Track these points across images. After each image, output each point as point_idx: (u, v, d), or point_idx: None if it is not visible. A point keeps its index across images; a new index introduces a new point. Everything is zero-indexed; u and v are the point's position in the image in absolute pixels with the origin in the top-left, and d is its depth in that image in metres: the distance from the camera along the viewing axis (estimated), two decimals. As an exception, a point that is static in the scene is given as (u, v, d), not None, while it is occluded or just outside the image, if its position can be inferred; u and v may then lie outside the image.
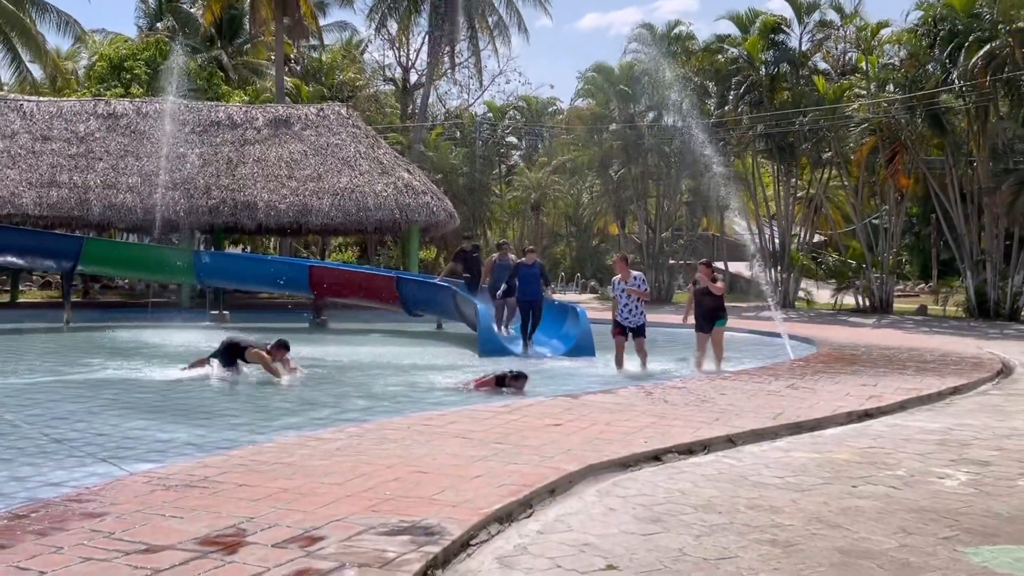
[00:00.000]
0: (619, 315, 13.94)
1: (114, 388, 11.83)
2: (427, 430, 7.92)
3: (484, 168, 48.21)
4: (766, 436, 8.35)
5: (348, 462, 6.64)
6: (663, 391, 10.70)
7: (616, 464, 7.00)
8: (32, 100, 28.33)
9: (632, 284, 13.82)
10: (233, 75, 42.79)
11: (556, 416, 8.76)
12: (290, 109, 30.32)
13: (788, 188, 37.71)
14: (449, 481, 6.13)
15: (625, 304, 13.83)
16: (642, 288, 13.89)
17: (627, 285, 13.83)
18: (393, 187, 26.74)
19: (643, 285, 13.97)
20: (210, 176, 26.57)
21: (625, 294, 13.83)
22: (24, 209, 24.17)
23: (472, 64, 49.55)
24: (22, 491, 6.32)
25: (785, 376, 12.31)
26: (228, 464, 6.56)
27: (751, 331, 21.96)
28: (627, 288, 13.83)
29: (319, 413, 9.99)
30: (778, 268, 36.29)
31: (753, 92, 35.37)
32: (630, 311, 13.86)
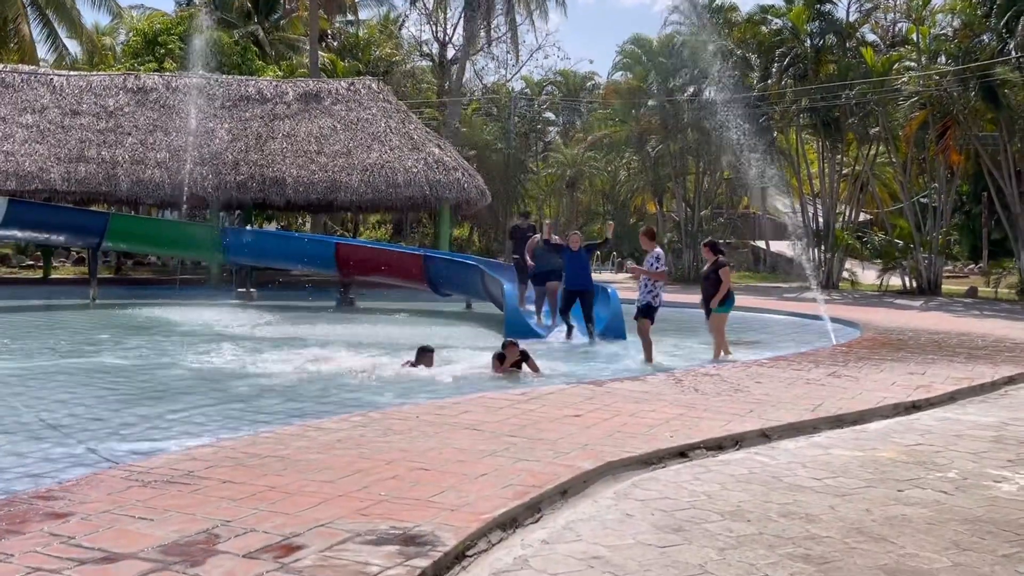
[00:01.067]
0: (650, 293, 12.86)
1: (122, 371, 11.47)
2: (437, 420, 7.39)
3: (520, 144, 47.52)
4: (804, 430, 7.73)
5: (346, 456, 6.14)
6: (694, 379, 10.08)
7: (637, 461, 6.43)
8: (62, 74, 28.18)
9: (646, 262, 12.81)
10: (270, 51, 42.49)
11: (576, 406, 8.20)
12: (320, 83, 29.90)
13: (833, 165, 36.61)
14: (452, 480, 5.61)
15: (644, 283, 12.80)
16: (653, 267, 12.70)
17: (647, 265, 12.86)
18: (423, 163, 26.27)
19: (655, 264, 12.70)
20: (239, 151, 26.28)
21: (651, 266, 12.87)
22: (52, 184, 24.05)
23: (509, 39, 48.84)
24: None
25: (826, 363, 11.62)
26: (217, 456, 6.09)
27: (792, 313, 21.20)
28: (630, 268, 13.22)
29: (330, 398, 9.53)
30: (822, 248, 35.28)
31: (797, 65, 34.24)
32: (639, 288, 12.91)
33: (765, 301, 25.60)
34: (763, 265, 47.74)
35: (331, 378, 10.89)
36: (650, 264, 12.67)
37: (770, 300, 26.30)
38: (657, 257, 12.68)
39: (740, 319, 20.80)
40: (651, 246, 12.82)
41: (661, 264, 12.78)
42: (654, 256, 12.69)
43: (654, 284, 12.63)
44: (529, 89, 53.72)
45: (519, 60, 51.63)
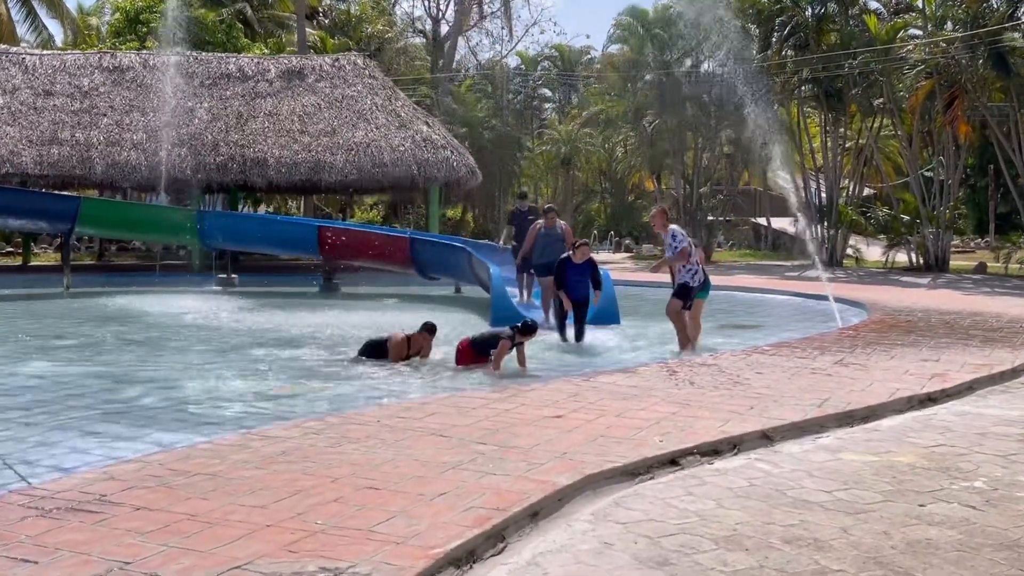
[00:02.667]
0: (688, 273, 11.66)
1: (65, 370, 10.68)
2: (399, 425, 6.60)
3: (516, 122, 46.58)
4: (810, 430, 6.94)
5: (287, 472, 5.36)
6: (689, 370, 9.27)
7: (621, 473, 5.65)
8: (35, 54, 27.37)
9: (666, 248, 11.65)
10: (259, 29, 41.56)
11: (558, 404, 7.40)
12: (304, 60, 29.02)
13: (836, 138, 35.70)
14: (404, 502, 4.82)
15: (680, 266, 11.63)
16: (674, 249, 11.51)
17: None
18: (411, 141, 25.43)
19: (673, 245, 11.52)
20: (219, 132, 25.42)
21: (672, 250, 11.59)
22: (24, 168, 23.23)
23: (503, 13, 47.84)
24: None
25: (833, 349, 10.81)
26: (139, 475, 5.31)
27: (795, 293, 20.38)
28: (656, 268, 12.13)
29: (293, 399, 8.73)
30: (825, 224, 34.42)
31: (798, 34, 33.25)
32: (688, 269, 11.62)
33: (766, 280, 24.81)
34: (764, 243, 46.89)
35: (299, 372, 10.10)
36: (671, 248, 11.48)
37: (772, 279, 25.50)
38: (673, 235, 11.50)
39: (740, 300, 20.11)
40: (665, 228, 11.68)
41: (678, 242, 11.46)
42: (670, 236, 11.54)
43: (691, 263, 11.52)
44: (524, 65, 52.72)
45: (513, 36, 50.65)
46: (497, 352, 9.96)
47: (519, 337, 10.15)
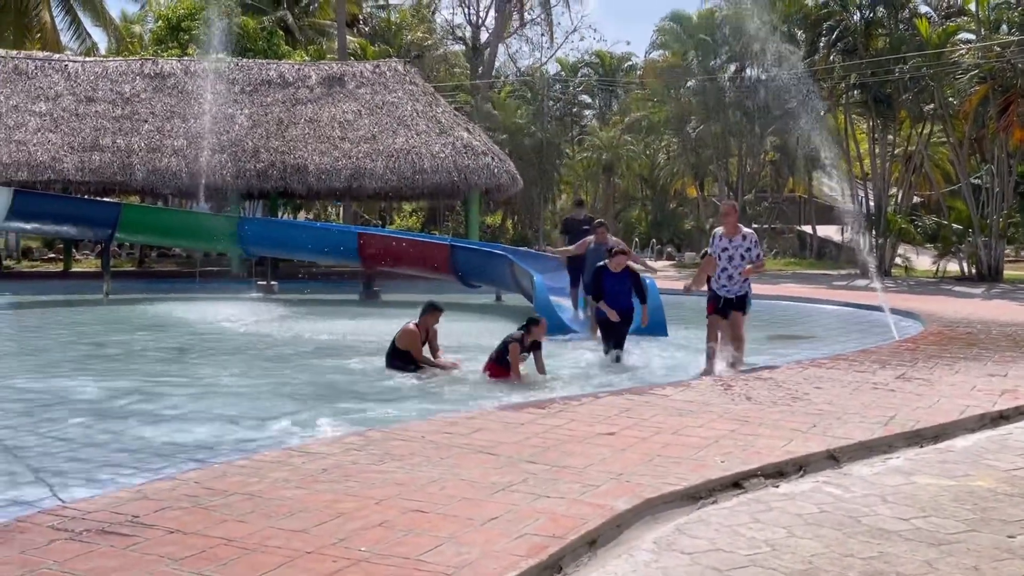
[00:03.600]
0: (715, 282, 10.51)
1: (104, 377, 10.53)
2: (445, 442, 6.29)
3: (556, 128, 46.26)
4: (878, 450, 6.53)
5: (329, 493, 5.07)
6: (745, 384, 8.87)
7: (682, 496, 5.29)
8: (78, 60, 27.48)
9: (741, 246, 10.32)
10: (300, 37, 41.68)
11: (610, 420, 7.05)
12: (344, 66, 28.94)
13: (884, 145, 35.00)
14: (453, 527, 4.51)
15: (724, 269, 10.37)
16: (756, 259, 10.41)
17: (731, 244, 10.38)
18: (451, 148, 25.23)
19: (758, 251, 10.48)
20: (259, 138, 25.39)
21: (726, 255, 10.36)
22: (65, 174, 23.31)
23: (543, 20, 47.62)
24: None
25: (892, 363, 10.35)
26: (174, 494, 5.04)
27: (845, 303, 19.84)
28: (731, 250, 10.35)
29: (325, 408, 8.48)
30: (873, 232, 33.72)
31: (846, 38, 32.72)
32: (729, 276, 10.37)
33: (814, 290, 24.28)
34: (810, 251, 46.18)
35: (343, 384, 9.86)
36: (754, 254, 10.41)
37: (819, 288, 24.96)
38: (756, 242, 10.54)
39: (788, 310, 19.62)
40: (736, 226, 10.45)
41: (761, 250, 10.58)
42: (753, 240, 10.49)
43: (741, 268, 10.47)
44: (564, 71, 52.41)
45: (554, 42, 50.38)
46: (511, 358, 9.64)
47: (529, 337, 9.81)
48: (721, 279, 10.45)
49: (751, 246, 10.37)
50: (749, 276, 10.48)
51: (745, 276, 10.38)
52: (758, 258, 10.44)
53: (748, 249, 10.33)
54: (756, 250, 10.41)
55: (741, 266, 10.31)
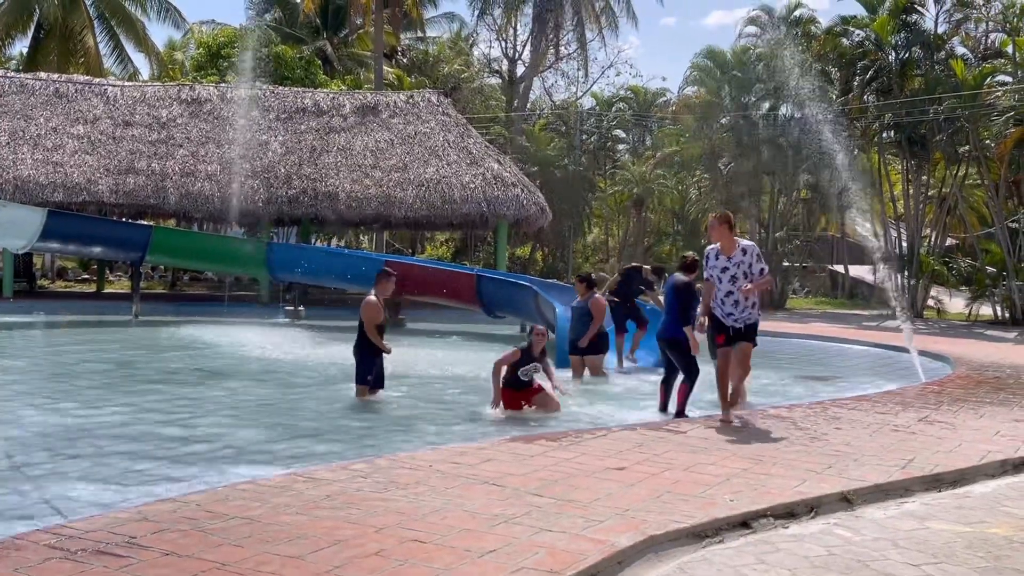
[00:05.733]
0: (718, 309, 8.97)
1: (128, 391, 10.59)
2: (451, 472, 6.24)
3: (589, 162, 46.34)
4: (893, 493, 6.40)
5: (329, 520, 5.03)
6: (762, 423, 8.74)
7: (687, 534, 5.21)
8: (117, 85, 27.92)
9: (743, 262, 8.84)
10: (338, 66, 42.18)
11: (622, 455, 6.97)
12: (379, 96, 29.15)
13: (918, 186, 34.68)
14: (449, 559, 4.46)
15: (729, 292, 8.85)
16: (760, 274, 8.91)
17: (731, 263, 8.85)
18: (481, 178, 25.33)
19: (762, 265, 8.95)
20: (292, 165, 25.61)
21: (728, 276, 8.85)
22: (100, 196, 23.59)
23: (579, 55, 47.81)
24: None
25: (916, 405, 10.18)
26: (174, 516, 5.03)
27: (873, 344, 19.57)
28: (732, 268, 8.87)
29: (336, 434, 8.48)
30: (905, 273, 33.34)
31: (881, 78, 32.49)
32: (735, 302, 8.86)
33: (843, 330, 23.99)
34: (841, 291, 45.72)
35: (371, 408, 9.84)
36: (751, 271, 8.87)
37: (849, 329, 24.66)
38: (759, 256, 8.99)
39: (816, 349, 19.40)
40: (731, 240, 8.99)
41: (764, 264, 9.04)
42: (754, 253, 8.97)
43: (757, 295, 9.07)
44: (598, 106, 52.58)
45: (589, 77, 50.54)
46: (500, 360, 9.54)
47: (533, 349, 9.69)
48: (726, 305, 8.89)
49: (753, 260, 8.85)
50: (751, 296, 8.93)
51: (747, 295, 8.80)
52: (762, 273, 8.91)
53: (751, 265, 8.83)
54: (760, 264, 8.89)
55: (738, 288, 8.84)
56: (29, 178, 23.61)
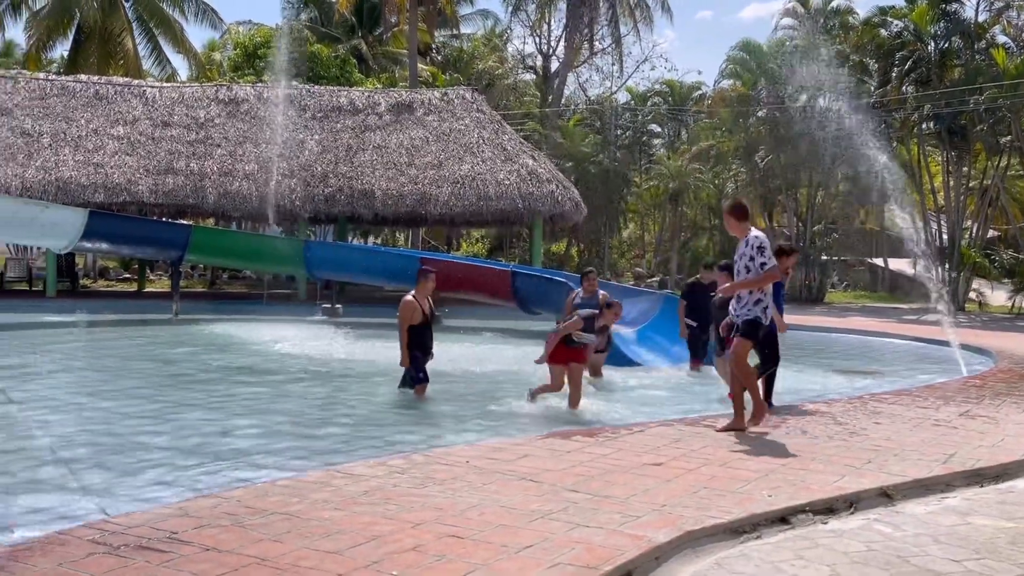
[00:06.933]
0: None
1: (166, 390, 10.73)
2: (488, 467, 6.26)
3: (624, 157, 46.13)
4: (934, 488, 6.33)
5: (367, 515, 5.07)
6: (800, 418, 8.68)
7: (724, 530, 5.18)
8: (155, 86, 28.28)
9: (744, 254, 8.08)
10: (373, 65, 42.40)
11: (659, 451, 6.95)
12: (413, 94, 29.32)
13: (959, 177, 34.19)
14: (486, 554, 4.48)
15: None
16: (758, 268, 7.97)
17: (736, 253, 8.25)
18: (516, 175, 25.39)
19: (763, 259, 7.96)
20: (328, 163, 25.82)
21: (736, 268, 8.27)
22: (140, 196, 23.91)
23: (613, 50, 47.63)
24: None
25: (957, 399, 10.06)
26: (215, 512, 5.09)
27: (914, 338, 19.35)
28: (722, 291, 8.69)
29: (374, 430, 8.53)
30: (946, 266, 32.89)
31: (920, 69, 32.09)
32: (738, 297, 8.21)
33: (883, 324, 23.73)
34: (881, 284, 45.16)
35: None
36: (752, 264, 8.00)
37: (888, 323, 24.39)
38: (761, 247, 7.99)
39: (855, 343, 19.20)
40: (743, 230, 8.20)
41: (768, 257, 7.99)
42: (753, 247, 8.02)
43: (763, 292, 8.09)
44: (633, 100, 52.34)
45: (624, 72, 50.33)
46: (565, 326, 9.62)
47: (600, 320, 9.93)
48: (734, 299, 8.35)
49: (754, 254, 7.96)
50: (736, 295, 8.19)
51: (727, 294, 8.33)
52: (762, 268, 7.94)
53: (751, 258, 7.98)
54: (761, 258, 7.94)
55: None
56: (71, 179, 24.01)
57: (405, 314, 9.91)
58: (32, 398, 9.84)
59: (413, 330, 9.90)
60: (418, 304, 9.97)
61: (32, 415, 8.84)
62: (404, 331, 9.90)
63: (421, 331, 9.97)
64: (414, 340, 9.92)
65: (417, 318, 9.92)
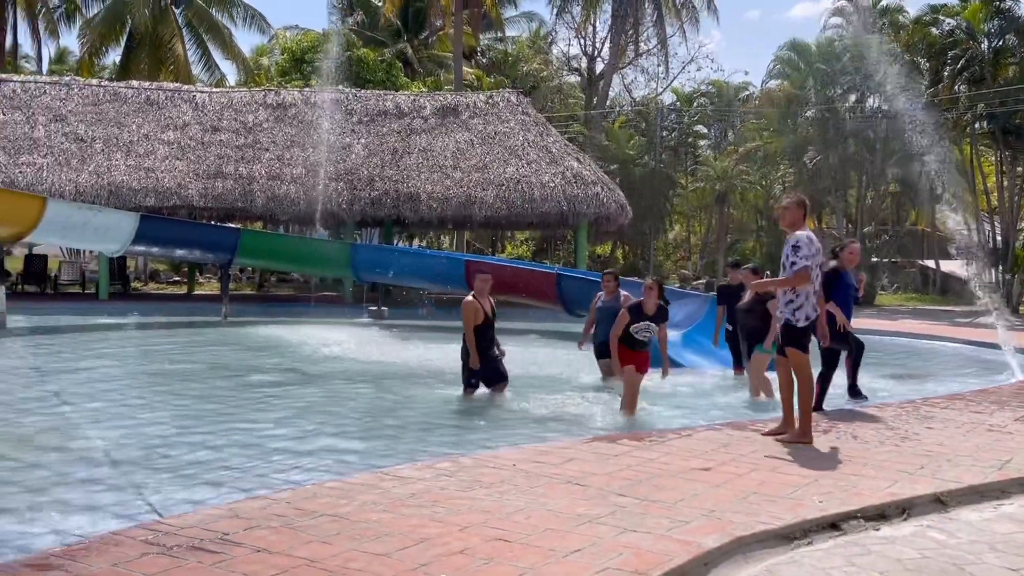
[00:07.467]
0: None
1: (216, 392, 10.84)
2: (535, 471, 6.25)
3: (669, 159, 45.95)
4: (989, 495, 6.21)
5: (415, 518, 5.09)
6: (851, 423, 8.56)
7: (775, 536, 5.13)
8: (205, 91, 28.66)
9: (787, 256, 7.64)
10: (418, 68, 42.61)
11: (707, 455, 6.90)
12: (458, 97, 29.40)
13: (1013, 178, 33.58)
14: (534, 558, 4.47)
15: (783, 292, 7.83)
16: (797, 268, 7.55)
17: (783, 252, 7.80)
18: (561, 177, 25.37)
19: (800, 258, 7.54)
20: (374, 167, 25.99)
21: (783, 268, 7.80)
22: (190, 200, 24.28)
23: (659, 51, 47.44)
24: (13, 542, 5.12)
25: (1012, 404, 9.86)
26: (265, 513, 5.14)
27: (966, 341, 19.00)
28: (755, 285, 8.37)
29: (420, 433, 8.56)
30: (999, 268, 32.30)
31: (972, 68, 31.59)
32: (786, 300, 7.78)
33: (935, 327, 23.32)
34: (933, 287, 44.47)
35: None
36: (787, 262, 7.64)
37: (940, 326, 23.97)
38: (796, 246, 7.58)
39: (905, 347, 18.89)
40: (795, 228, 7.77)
41: (801, 256, 7.55)
42: (789, 245, 7.65)
43: (795, 293, 7.67)
44: (679, 101, 52.11)
45: (669, 73, 50.13)
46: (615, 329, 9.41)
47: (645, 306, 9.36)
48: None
49: (789, 252, 7.60)
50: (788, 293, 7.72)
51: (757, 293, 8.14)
52: (792, 267, 7.56)
53: (787, 256, 7.64)
54: (793, 257, 7.56)
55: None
56: (123, 183, 24.43)
57: (468, 315, 9.92)
58: (85, 400, 10.00)
59: (476, 331, 9.89)
60: (479, 304, 9.96)
61: (86, 417, 8.98)
62: (470, 332, 9.91)
63: (483, 331, 9.96)
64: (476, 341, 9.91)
65: (480, 318, 9.92)
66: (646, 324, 9.34)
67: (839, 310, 9.48)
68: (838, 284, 9.54)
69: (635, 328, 9.31)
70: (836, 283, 9.51)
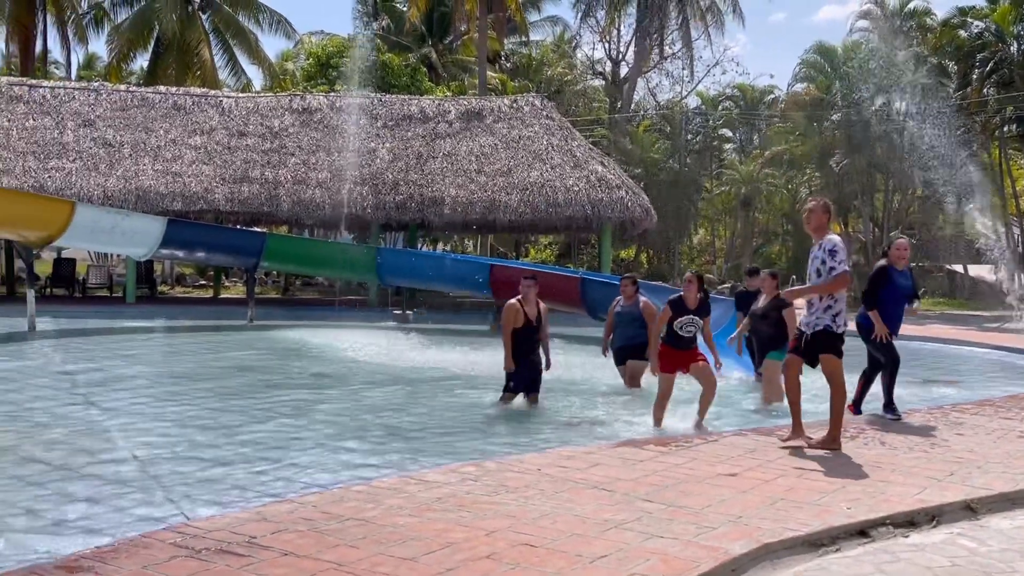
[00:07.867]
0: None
1: (245, 395, 10.90)
2: (560, 475, 6.24)
3: (694, 162, 45.82)
4: (1020, 503, 6.15)
5: (440, 522, 5.10)
6: (879, 429, 8.49)
7: (803, 543, 5.09)
8: (231, 96, 28.90)
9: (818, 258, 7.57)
10: (443, 73, 42.77)
11: (734, 461, 6.86)
12: (483, 101, 29.49)
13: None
14: (560, 563, 4.47)
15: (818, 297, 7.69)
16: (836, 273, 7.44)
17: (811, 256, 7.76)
18: (585, 181, 25.38)
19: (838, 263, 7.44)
20: (399, 171, 26.12)
21: (810, 270, 7.74)
22: (216, 204, 24.51)
23: (683, 55, 47.32)
24: (44, 544, 5.16)
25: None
26: (291, 517, 5.16)
27: (995, 347, 18.80)
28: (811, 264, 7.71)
29: (445, 437, 8.56)
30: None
31: (1002, 71, 31.32)
32: (809, 303, 7.79)
33: (963, 332, 23.10)
34: (961, 291, 44.03)
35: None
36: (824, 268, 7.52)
37: (969, 331, 23.73)
38: (833, 251, 7.48)
39: (933, 352, 18.71)
40: (821, 232, 7.70)
41: (838, 261, 7.45)
42: (825, 250, 7.53)
43: (833, 298, 7.55)
44: (704, 105, 51.96)
45: (694, 76, 50.01)
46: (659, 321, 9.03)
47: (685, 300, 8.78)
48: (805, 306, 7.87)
49: (825, 257, 7.47)
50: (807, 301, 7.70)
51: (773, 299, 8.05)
52: (831, 272, 7.45)
53: (823, 261, 7.50)
54: (831, 262, 7.44)
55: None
56: (150, 188, 24.68)
57: (507, 318, 9.78)
58: (114, 403, 10.08)
59: (514, 334, 9.75)
60: (521, 308, 9.80)
61: (114, 420, 9.05)
62: (506, 335, 9.78)
63: (522, 335, 9.79)
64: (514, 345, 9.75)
65: (519, 321, 9.73)
66: (690, 319, 8.77)
67: (879, 318, 8.96)
68: (887, 284, 9.01)
69: (679, 323, 8.71)
70: (885, 283, 9.01)
